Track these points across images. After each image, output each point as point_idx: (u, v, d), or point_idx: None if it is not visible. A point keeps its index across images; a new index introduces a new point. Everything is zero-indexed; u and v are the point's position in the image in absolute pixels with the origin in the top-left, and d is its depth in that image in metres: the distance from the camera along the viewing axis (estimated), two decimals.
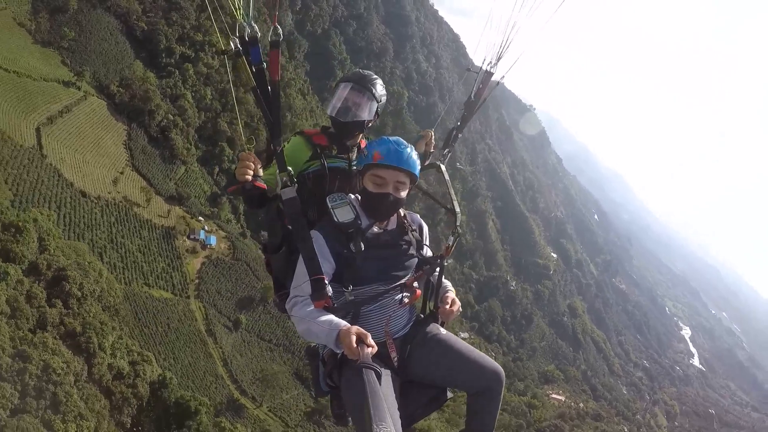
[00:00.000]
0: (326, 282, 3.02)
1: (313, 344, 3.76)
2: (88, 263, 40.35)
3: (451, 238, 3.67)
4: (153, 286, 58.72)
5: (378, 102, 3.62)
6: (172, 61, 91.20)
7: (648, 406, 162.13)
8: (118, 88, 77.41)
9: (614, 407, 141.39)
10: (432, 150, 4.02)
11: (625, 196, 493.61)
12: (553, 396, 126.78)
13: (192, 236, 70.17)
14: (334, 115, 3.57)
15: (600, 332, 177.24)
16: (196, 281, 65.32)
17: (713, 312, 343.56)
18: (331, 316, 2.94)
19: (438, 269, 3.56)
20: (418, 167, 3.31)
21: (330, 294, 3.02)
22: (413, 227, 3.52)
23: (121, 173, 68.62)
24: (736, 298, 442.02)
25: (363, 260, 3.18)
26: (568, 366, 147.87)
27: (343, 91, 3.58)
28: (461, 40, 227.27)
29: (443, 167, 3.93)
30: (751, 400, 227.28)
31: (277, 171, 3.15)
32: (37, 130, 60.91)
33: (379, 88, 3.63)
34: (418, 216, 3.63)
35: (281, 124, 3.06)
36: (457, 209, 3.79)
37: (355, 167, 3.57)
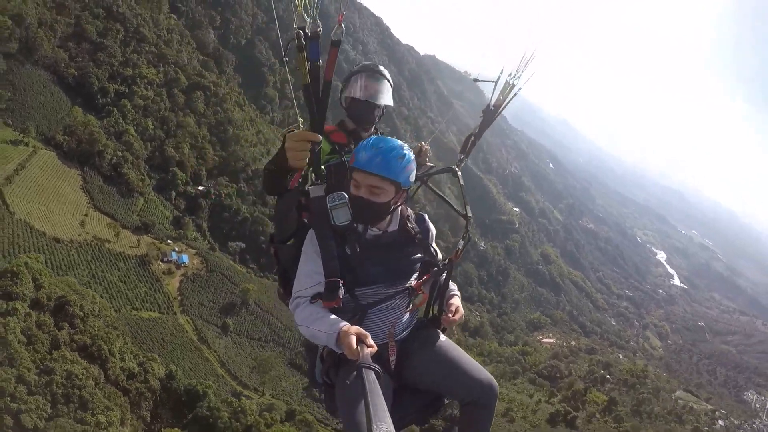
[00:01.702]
0: (341, 284, 3.06)
1: None
2: (82, 291, 46.01)
3: (461, 242, 3.62)
4: (141, 309, 64.27)
5: (392, 86, 3.80)
6: (108, 100, 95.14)
7: (639, 332, 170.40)
8: (64, 137, 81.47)
9: (606, 339, 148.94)
10: (427, 162, 4.00)
11: (575, 140, 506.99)
12: (545, 340, 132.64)
13: (165, 259, 75.45)
14: (361, 98, 3.69)
15: (577, 272, 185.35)
16: (179, 298, 70.70)
17: (683, 232, 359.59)
18: (332, 317, 2.96)
19: (445, 273, 3.54)
20: (405, 172, 3.14)
21: (341, 296, 3.07)
22: (417, 229, 3.45)
23: (86, 215, 73.19)
24: (703, 214, 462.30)
25: (361, 262, 3.19)
26: (553, 310, 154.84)
27: (361, 80, 3.73)
28: (384, 22, 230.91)
29: (459, 172, 3.92)
30: (738, 305, 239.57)
31: (311, 168, 3.21)
32: None
33: (387, 73, 3.78)
34: (426, 217, 3.58)
35: (324, 125, 3.08)
36: (470, 214, 3.75)
37: None
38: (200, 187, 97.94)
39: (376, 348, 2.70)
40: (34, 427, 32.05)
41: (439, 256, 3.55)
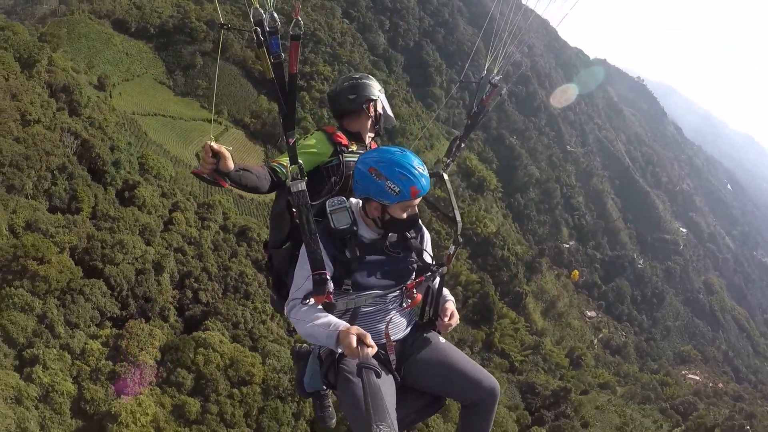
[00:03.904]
0: (328, 277, 3.28)
1: (299, 345, 4.69)
2: (261, 225, 62.52)
3: (452, 247, 3.94)
4: None
5: None
6: None
7: None
8: (251, 119, 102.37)
9: (759, 390, 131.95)
10: None
11: (760, 161, 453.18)
12: (689, 376, 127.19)
13: None
14: (388, 114, 4.33)
15: (742, 310, 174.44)
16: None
17: None
18: (330, 317, 3.22)
19: (438, 277, 3.81)
20: None
21: (331, 290, 3.30)
22: (413, 234, 3.74)
23: None
24: None
25: (360, 266, 3.47)
26: (707, 346, 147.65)
27: (384, 98, 4.31)
28: (550, 24, 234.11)
29: (446, 176, 4.19)
30: None
31: (288, 163, 3.39)
32: (197, 155, 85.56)
33: None
34: (420, 222, 3.78)
35: (295, 117, 3.27)
36: (458, 218, 3.98)
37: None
38: None
39: (376, 348, 2.91)
40: (207, 302, 48.08)
41: (429, 260, 3.82)
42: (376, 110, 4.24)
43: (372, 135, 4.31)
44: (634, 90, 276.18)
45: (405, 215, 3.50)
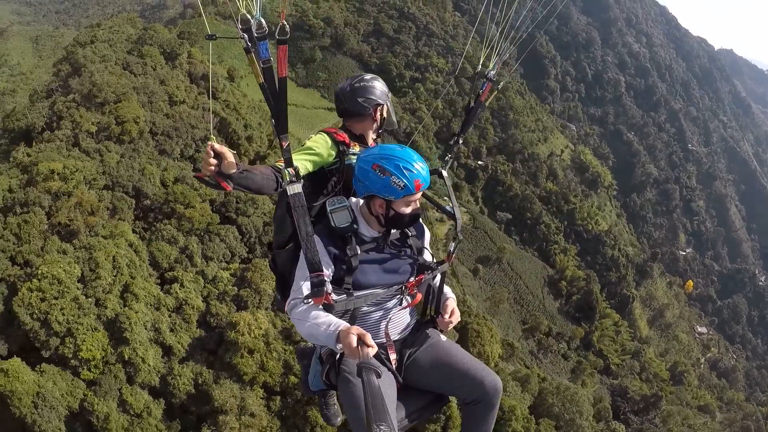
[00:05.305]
0: (326, 279, 3.36)
1: (304, 344, 4.80)
2: None
3: (452, 245, 4.05)
4: None
5: None
6: (405, 83, 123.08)
7: None
8: None
9: None
10: None
11: None
12: None
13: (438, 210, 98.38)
14: (393, 119, 4.48)
15: None
16: (444, 240, 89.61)
17: None
18: (331, 317, 3.30)
19: (439, 275, 3.93)
20: None
21: (329, 291, 3.38)
22: (413, 232, 3.86)
23: None
24: None
25: (361, 264, 3.57)
26: None
27: (390, 105, 4.47)
28: (669, 11, 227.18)
29: (445, 173, 4.31)
30: None
31: (284, 167, 3.37)
32: None
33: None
34: (420, 219, 3.89)
35: (287, 120, 3.30)
36: (458, 215, 4.15)
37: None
38: (479, 162, 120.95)
39: (376, 348, 2.97)
40: None
41: (430, 258, 3.94)
42: (381, 115, 4.36)
43: (374, 137, 4.42)
44: (765, 84, 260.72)
45: (409, 210, 3.61)
